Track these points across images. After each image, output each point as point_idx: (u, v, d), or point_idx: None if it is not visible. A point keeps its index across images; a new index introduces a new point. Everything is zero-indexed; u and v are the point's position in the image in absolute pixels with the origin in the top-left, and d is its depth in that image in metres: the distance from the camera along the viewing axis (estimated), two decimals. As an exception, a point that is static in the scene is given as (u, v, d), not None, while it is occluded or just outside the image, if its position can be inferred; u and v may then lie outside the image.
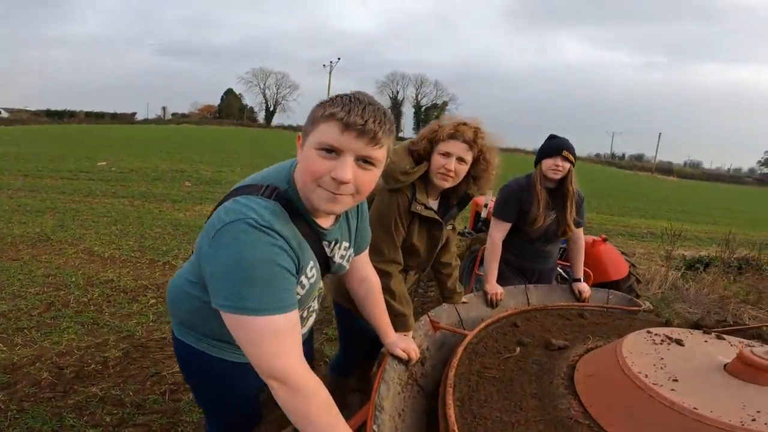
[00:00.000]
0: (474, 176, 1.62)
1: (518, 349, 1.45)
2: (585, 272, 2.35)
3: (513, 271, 2.35)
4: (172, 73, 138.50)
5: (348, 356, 1.96)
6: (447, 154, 1.54)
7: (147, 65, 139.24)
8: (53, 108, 65.54)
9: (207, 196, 8.55)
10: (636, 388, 1.02)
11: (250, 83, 75.14)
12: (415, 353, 1.40)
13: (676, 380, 1.03)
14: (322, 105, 0.89)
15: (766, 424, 0.87)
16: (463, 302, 1.87)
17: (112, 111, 70.96)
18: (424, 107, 70.12)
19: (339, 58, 46.56)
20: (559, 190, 2.16)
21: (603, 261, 3.17)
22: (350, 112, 0.84)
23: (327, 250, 1.09)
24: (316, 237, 1.02)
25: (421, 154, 1.58)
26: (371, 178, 0.92)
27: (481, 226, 4.51)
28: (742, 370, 1.03)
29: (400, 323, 1.53)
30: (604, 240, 3.35)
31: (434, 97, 71.99)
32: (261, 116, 76.91)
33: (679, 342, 1.21)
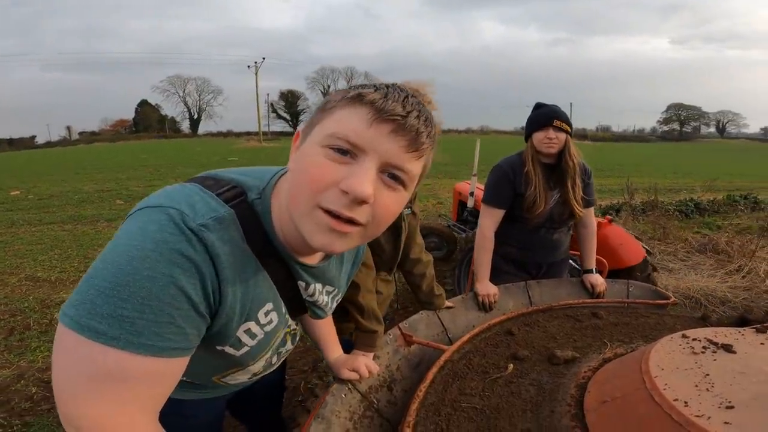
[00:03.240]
0: None
1: (511, 365, 1.12)
2: (598, 261, 1.99)
3: (514, 266, 2.01)
4: (70, 89, 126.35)
5: None
6: None
7: (38, 83, 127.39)
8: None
9: (145, 211, 8.22)
10: (672, 423, 0.69)
11: (167, 92, 71.16)
12: (365, 372, 1.08)
13: (731, 407, 0.70)
14: (344, 89, 0.61)
15: None
16: (448, 307, 1.54)
17: (7, 137, 63.59)
18: (358, 100, 72.77)
19: (264, 58, 44.51)
20: (558, 166, 1.82)
21: (612, 245, 2.74)
22: (387, 97, 0.56)
23: (304, 292, 0.78)
24: (285, 273, 0.72)
25: None
26: (397, 205, 0.61)
27: (467, 216, 4.14)
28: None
29: (365, 340, 1.21)
30: (610, 221, 2.93)
31: (366, 87, 73.46)
32: (185, 125, 73.30)
33: (728, 348, 0.86)
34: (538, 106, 1.86)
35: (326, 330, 1.09)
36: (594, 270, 1.89)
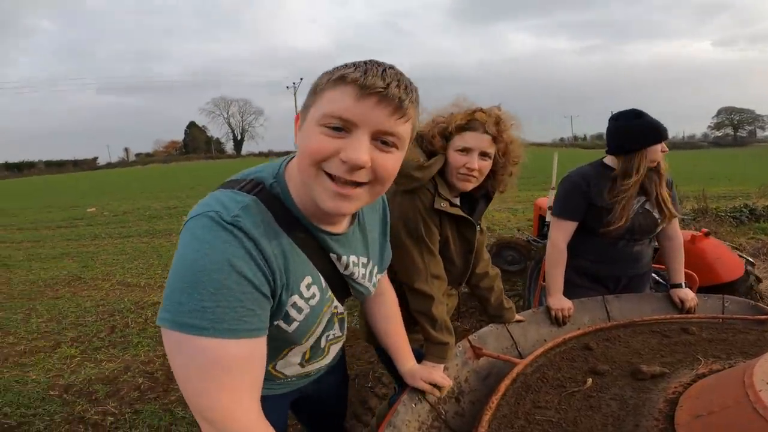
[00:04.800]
0: (493, 170, 1.31)
1: (590, 380, 1.05)
2: (687, 275, 1.82)
3: (588, 279, 1.89)
4: (125, 111, 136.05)
5: None
6: (466, 150, 1.23)
7: (96, 105, 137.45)
8: (10, 161, 64.51)
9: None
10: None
11: (213, 113, 73.18)
12: (443, 383, 1.08)
13: None
14: (328, 71, 0.68)
15: None
16: (518, 320, 1.48)
17: (71, 158, 68.39)
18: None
19: (302, 78, 42.83)
20: (646, 175, 1.70)
21: (708, 260, 2.50)
22: (367, 73, 0.63)
23: (339, 265, 0.84)
24: (316, 246, 0.79)
25: (432, 149, 1.28)
26: (393, 163, 0.69)
27: (546, 230, 4.00)
28: None
29: (436, 352, 1.21)
30: (706, 234, 2.68)
31: (403, 105, 71.85)
32: (229, 146, 75.19)
33: None
34: (639, 115, 1.70)
35: (399, 339, 1.12)
36: (683, 284, 1.73)
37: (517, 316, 1.49)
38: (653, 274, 2.17)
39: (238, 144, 75.04)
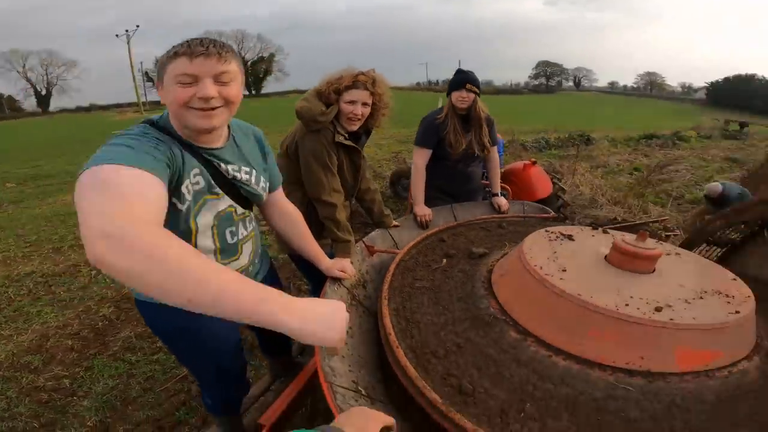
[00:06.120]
0: (371, 114, 1.83)
1: (445, 260, 1.65)
2: (505, 189, 2.59)
3: (441, 193, 2.55)
4: None
5: None
6: (353, 102, 1.72)
7: None
8: None
9: (47, 189, 8.02)
10: (534, 280, 1.18)
11: (2, 68, 60.22)
12: (351, 270, 1.56)
13: (564, 270, 1.19)
14: (165, 53, 1.00)
15: (638, 308, 1.00)
16: (395, 225, 2.04)
17: None
18: (249, 62, 66.33)
19: (138, 26, 37.99)
20: (469, 116, 2.36)
21: (532, 182, 3.54)
22: (191, 45, 0.97)
23: (222, 171, 1.16)
24: (195, 152, 1.09)
25: (328, 101, 1.74)
26: (236, 90, 1.05)
27: None
28: (618, 259, 1.19)
29: (342, 248, 1.70)
30: (533, 163, 3.72)
31: (259, 50, 69.14)
32: (29, 103, 61.77)
33: (570, 237, 1.44)
34: (458, 72, 2.37)
35: (315, 247, 1.53)
36: (500, 194, 2.49)
37: (394, 222, 2.05)
38: (487, 189, 2.98)
39: (43, 100, 60.09)
